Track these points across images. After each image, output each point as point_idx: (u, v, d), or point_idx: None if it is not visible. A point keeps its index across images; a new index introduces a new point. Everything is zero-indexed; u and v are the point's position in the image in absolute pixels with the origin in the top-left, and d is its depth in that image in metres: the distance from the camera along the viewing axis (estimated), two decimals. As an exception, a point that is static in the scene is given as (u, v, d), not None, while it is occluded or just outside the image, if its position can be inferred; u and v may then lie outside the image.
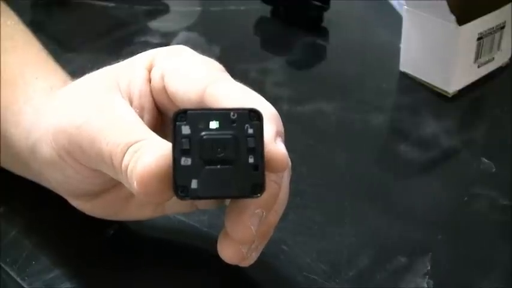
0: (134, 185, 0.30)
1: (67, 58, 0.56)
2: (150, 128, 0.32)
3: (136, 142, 0.31)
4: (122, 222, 0.40)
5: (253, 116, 0.29)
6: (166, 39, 0.61)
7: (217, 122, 0.28)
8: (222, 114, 0.28)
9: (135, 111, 0.34)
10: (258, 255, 0.34)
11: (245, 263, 0.34)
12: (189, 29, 0.63)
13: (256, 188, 0.29)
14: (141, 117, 0.34)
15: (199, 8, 0.67)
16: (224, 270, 0.38)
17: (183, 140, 0.28)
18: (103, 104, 0.33)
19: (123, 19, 0.65)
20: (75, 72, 0.43)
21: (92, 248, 0.40)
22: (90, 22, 0.65)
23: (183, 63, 0.34)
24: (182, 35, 0.62)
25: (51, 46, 0.46)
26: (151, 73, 0.35)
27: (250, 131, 0.28)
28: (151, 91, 0.35)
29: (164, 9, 0.67)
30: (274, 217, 0.33)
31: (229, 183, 0.28)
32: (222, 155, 0.28)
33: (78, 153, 0.34)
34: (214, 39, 0.61)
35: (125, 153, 0.31)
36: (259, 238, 0.33)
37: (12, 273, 0.38)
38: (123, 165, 0.31)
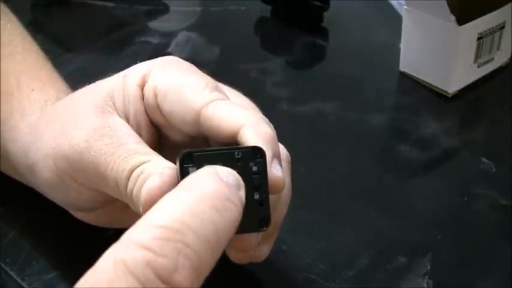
0: (140, 210, 0.30)
1: (67, 58, 0.56)
2: (149, 145, 0.32)
3: (139, 165, 0.31)
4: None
5: (257, 154, 0.29)
6: (166, 39, 0.61)
7: (223, 162, 0.28)
8: (227, 154, 0.29)
9: (132, 129, 0.33)
10: (270, 248, 0.34)
11: (258, 259, 0.34)
12: (189, 29, 0.63)
13: (262, 222, 0.29)
14: (139, 134, 0.34)
15: (199, 8, 0.67)
16: (224, 271, 0.38)
17: None
18: (102, 127, 0.33)
19: (123, 19, 0.65)
20: (75, 72, 0.43)
21: (91, 248, 0.40)
22: (90, 22, 0.65)
23: (175, 82, 0.33)
24: (182, 35, 0.62)
25: (51, 46, 0.46)
26: (143, 90, 0.34)
27: (255, 168, 0.29)
28: (145, 108, 0.34)
29: (164, 9, 0.67)
30: (279, 216, 0.34)
31: None
32: None
33: (81, 177, 0.34)
34: (214, 39, 0.61)
35: (129, 177, 0.31)
36: (267, 236, 0.33)
37: (12, 273, 0.38)
38: (128, 190, 0.31)
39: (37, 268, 0.38)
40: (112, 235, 0.40)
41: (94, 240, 0.40)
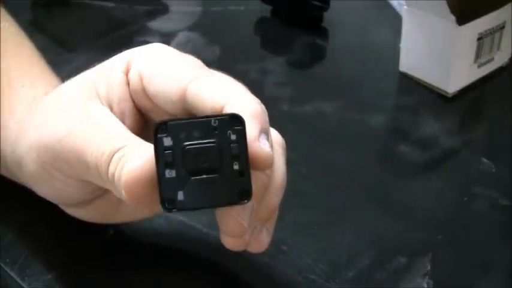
0: (123, 193, 0.29)
1: (67, 58, 0.56)
2: (133, 132, 0.32)
3: (120, 149, 0.30)
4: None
5: (235, 121, 0.28)
6: (166, 39, 0.61)
7: (199, 131, 0.28)
8: (203, 123, 0.28)
9: (116, 116, 0.33)
10: (270, 238, 0.34)
11: (258, 249, 0.33)
12: (189, 29, 0.63)
13: (243, 194, 0.28)
14: (123, 122, 0.33)
15: (199, 8, 0.67)
16: (224, 271, 0.38)
17: (166, 152, 0.28)
18: (83, 114, 0.33)
19: (123, 19, 0.65)
20: (74, 72, 0.43)
21: (91, 248, 0.40)
22: (90, 22, 0.65)
23: (160, 63, 0.33)
24: (182, 35, 0.62)
25: (51, 46, 0.46)
26: (128, 76, 0.34)
27: (233, 137, 0.28)
28: (130, 95, 0.34)
29: (164, 9, 0.67)
30: (273, 200, 0.33)
31: (216, 192, 0.28)
32: (206, 164, 0.28)
33: (64, 167, 0.33)
34: (214, 39, 0.61)
35: (110, 161, 0.30)
36: (264, 222, 0.33)
37: (12, 273, 0.38)
38: (109, 174, 0.30)
39: (37, 268, 0.38)
40: (112, 235, 0.40)
41: (94, 240, 0.40)
